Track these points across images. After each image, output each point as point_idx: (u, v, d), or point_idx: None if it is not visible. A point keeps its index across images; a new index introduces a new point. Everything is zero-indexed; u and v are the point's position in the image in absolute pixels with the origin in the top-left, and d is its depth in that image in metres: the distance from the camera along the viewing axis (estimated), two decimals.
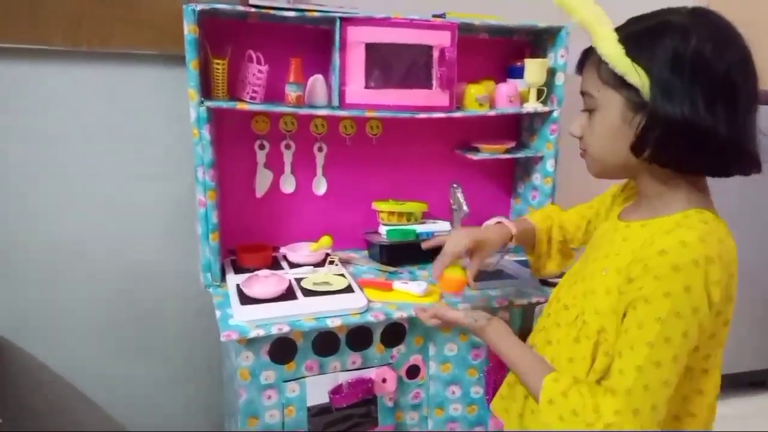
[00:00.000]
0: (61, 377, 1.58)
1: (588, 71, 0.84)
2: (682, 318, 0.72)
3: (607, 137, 0.82)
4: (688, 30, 0.75)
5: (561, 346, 0.88)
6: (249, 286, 1.29)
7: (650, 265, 0.74)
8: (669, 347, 0.73)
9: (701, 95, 0.74)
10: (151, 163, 1.53)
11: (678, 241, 0.74)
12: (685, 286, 0.72)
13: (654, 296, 0.73)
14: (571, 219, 1.18)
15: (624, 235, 0.85)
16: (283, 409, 1.23)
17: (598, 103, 0.83)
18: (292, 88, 1.36)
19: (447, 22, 1.43)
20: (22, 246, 1.48)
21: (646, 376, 0.73)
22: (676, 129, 0.75)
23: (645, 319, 0.74)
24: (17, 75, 1.39)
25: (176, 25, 1.36)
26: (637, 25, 0.80)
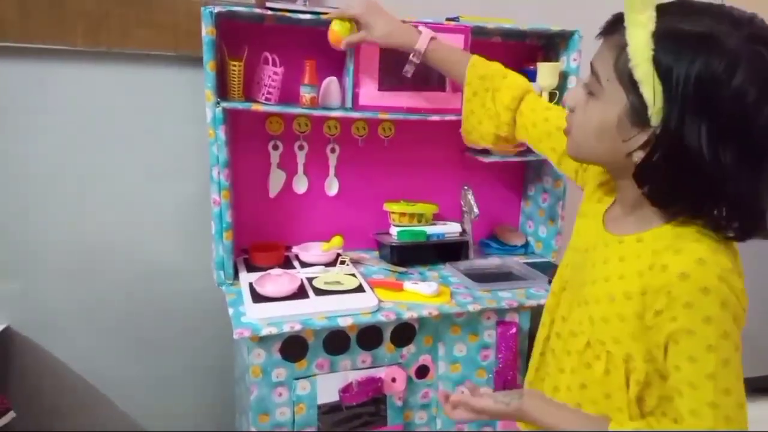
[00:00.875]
0: (76, 373, 1.60)
1: (607, 48, 0.72)
2: (729, 336, 0.68)
3: (597, 133, 0.75)
4: (737, 61, 0.63)
5: (576, 376, 0.83)
6: (261, 284, 1.31)
7: (675, 293, 0.68)
8: (729, 369, 0.69)
9: (730, 141, 0.65)
10: (166, 163, 1.55)
11: (694, 260, 0.68)
12: (721, 303, 0.67)
13: (694, 325, 0.68)
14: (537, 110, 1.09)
15: (620, 254, 0.77)
16: (293, 407, 1.24)
17: (602, 92, 0.73)
18: (306, 90, 1.38)
19: (460, 26, 1.44)
20: (40, 244, 1.51)
21: (723, 408, 0.69)
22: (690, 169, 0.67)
23: (695, 352, 0.68)
24: (38, 74, 1.42)
25: (194, 26, 1.39)
26: (683, 20, 0.67)
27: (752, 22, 0.67)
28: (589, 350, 0.80)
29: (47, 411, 1.59)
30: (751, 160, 0.66)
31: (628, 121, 0.70)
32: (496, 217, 1.79)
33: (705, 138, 0.64)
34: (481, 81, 1.19)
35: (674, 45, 0.65)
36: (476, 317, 1.36)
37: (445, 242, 1.60)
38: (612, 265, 0.78)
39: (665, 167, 0.68)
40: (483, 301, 1.34)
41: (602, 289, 0.78)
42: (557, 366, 0.88)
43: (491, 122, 1.18)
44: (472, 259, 1.63)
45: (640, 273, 0.73)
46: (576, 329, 0.83)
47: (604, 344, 0.78)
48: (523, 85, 1.15)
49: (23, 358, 1.55)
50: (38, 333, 1.55)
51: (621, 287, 0.75)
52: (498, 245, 1.72)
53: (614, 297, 0.76)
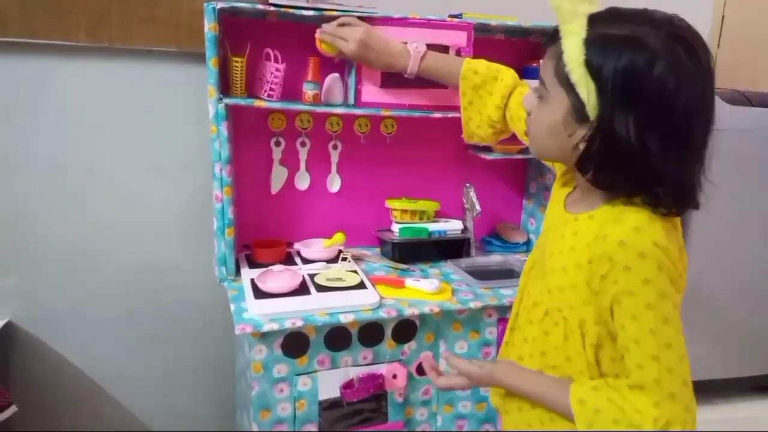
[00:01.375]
0: (77, 368, 1.61)
1: (548, 57, 0.82)
2: (666, 295, 0.75)
3: (547, 132, 0.83)
4: (655, 54, 0.72)
5: (537, 344, 0.90)
6: (263, 280, 1.31)
7: (616, 258, 0.76)
8: (669, 325, 0.75)
9: (654, 128, 0.73)
10: (169, 159, 1.55)
11: (631, 229, 0.76)
12: (657, 266, 0.74)
13: (634, 286, 0.75)
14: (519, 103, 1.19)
15: (574, 229, 0.85)
16: (294, 403, 1.25)
17: (548, 95, 0.82)
18: (309, 87, 1.37)
19: (463, 23, 1.44)
20: (42, 239, 1.51)
21: (664, 360, 0.75)
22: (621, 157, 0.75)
23: (636, 311, 0.76)
24: (40, 70, 1.42)
25: (196, 23, 1.39)
26: (610, 27, 0.76)
27: (671, 22, 0.75)
28: (547, 318, 0.88)
29: (48, 405, 1.60)
30: (675, 144, 0.75)
31: (572, 119, 0.79)
32: (498, 214, 1.79)
33: (632, 127, 0.73)
34: (476, 91, 1.29)
35: (602, 48, 0.74)
36: (478, 314, 1.36)
37: (446, 239, 1.60)
38: (567, 240, 0.85)
39: (601, 156, 0.77)
40: (484, 299, 1.34)
41: (558, 261, 0.86)
42: (521, 336, 0.95)
43: (487, 122, 1.30)
44: (474, 257, 1.63)
45: (588, 244, 0.81)
46: (537, 299, 0.91)
47: (560, 311, 0.85)
48: (510, 83, 1.25)
49: (24, 352, 1.55)
50: (39, 328, 1.56)
51: (572, 258, 0.83)
52: (499, 242, 1.72)
53: (566, 267, 0.84)
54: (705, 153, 0.79)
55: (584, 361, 0.83)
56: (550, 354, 0.87)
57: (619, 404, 0.76)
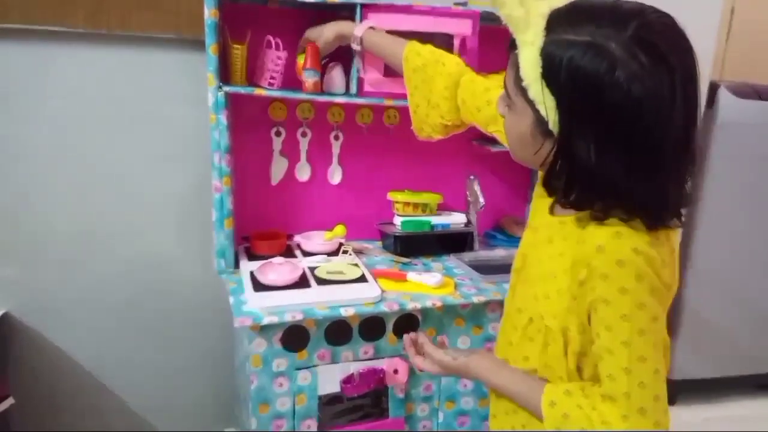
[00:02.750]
0: (74, 360, 1.59)
1: (510, 65, 0.76)
2: (645, 306, 0.71)
3: (518, 142, 0.79)
4: (615, 61, 0.65)
5: (521, 348, 0.86)
6: (263, 273, 1.29)
7: (594, 264, 0.72)
8: (645, 338, 0.71)
9: (618, 143, 0.67)
10: (167, 148, 1.53)
11: (611, 234, 0.71)
12: (636, 275, 0.70)
13: (610, 295, 0.71)
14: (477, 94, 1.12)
15: (563, 234, 0.80)
16: (294, 397, 1.23)
17: (513, 105, 0.77)
18: (309, 74, 1.34)
19: (468, 11, 1.41)
20: (39, 229, 1.49)
21: (637, 374, 0.71)
22: (585, 176, 0.70)
23: (611, 321, 0.72)
24: (39, 57, 1.40)
25: (196, 9, 1.36)
26: (569, 30, 0.68)
27: (640, 17, 0.67)
28: (531, 326, 0.84)
29: (45, 397, 1.58)
30: (643, 158, 0.68)
31: (538, 132, 0.74)
32: (502, 208, 1.76)
33: (593, 144, 0.68)
34: (417, 74, 1.23)
35: (559, 57, 0.67)
36: (481, 309, 1.34)
37: (449, 233, 1.58)
38: (556, 245, 0.81)
39: (566, 175, 0.72)
40: (488, 293, 1.32)
41: (547, 267, 0.82)
42: (505, 340, 0.92)
43: (435, 113, 1.22)
44: (477, 251, 1.60)
45: (571, 247, 0.77)
46: (521, 306, 0.87)
47: (543, 319, 0.81)
48: (455, 71, 1.17)
49: (22, 344, 1.54)
50: (37, 319, 1.54)
51: (561, 264, 0.78)
52: (503, 237, 1.70)
53: (555, 274, 0.79)
54: (686, 162, 0.72)
55: (564, 368, 0.80)
56: (533, 360, 0.84)
57: (587, 413, 0.74)
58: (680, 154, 0.71)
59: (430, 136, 1.28)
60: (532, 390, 0.81)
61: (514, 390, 0.84)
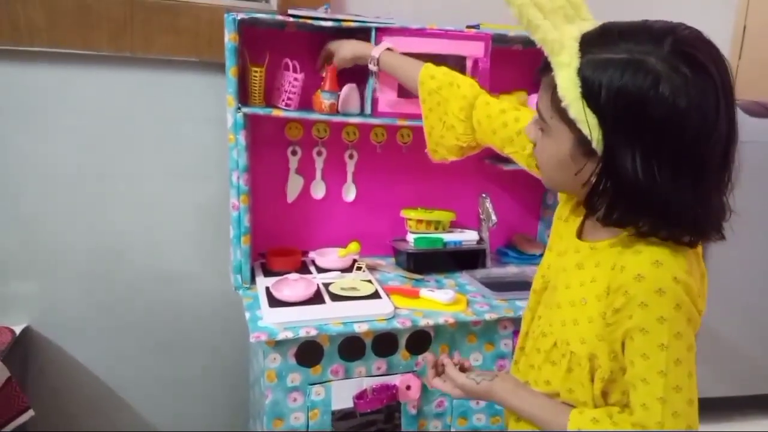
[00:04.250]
0: (92, 373, 1.62)
1: (543, 88, 0.76)
2: (682, 336, 0.71)
3: (556, 166, 0.78)
4: (658, 76, 0.65)
5: (542, 372, 0.86)
6: (278, 289, 1.32)
7: (632, 293, 0.71)
8: (681, 368, 0.71)
9: (662, 158, 0.67)
10: (187, 167, 1.57)
11: (651, 262, 0.71)
12: (675, 304, 0.70)
13: (648, 324, 0.71)
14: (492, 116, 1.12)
15: (596, 260, 0.79)
16: (308, 412, 1.24)
17: (549, 130, 0.76)
18: (326, 96, 1.38)
19: (481, 33, 1.44)
20: (60, 245, 1.53)
21: (671, 403, 0.71)
22: (632, 192, 0.69)
23: (648, 350, 0.71)
24: (64, 78, 1.45)
25: (216, 33, 1.41)
26: (605, 49, 0.69)
27: (674, 33, 0.68)
28: (554, 350, 0.83)
29: (64, 410, 1.61)
30: (690, 171, 0.68)
31: (579, 153, 0.73)
32: (514, 225, 1.77)
33: (639, 159, 0.67)
34: (432, 96, 1.23)
35: (598, 77, 0.67)
36: (493, 326, 1.35)
37: (462, 250, 1.59)
38: (588, 271, 0.80)
39: (610, 192, 0.71)
40: (500, 310, 1.33)
41: (577, 294, 0.81)
42: (527, 362, 0.91)
43: (451, 134, 1.22)
44: (489, 268, 1.61)
45: (606, 274, 0.76)
46: (546, 330, 0.87)
47: (568, 345, 0.81)
48: (469, 94, 1.17)
49: (42, 357, 1.57)
50: (57, 333, 1.57)
51: (593, 290, 0.78)
52: (515, 254, 1.71)
53: (587, 300, 0.79)
54: (728, 173, 0.72)
55: (588, 394, 0.79)
56: (555, 384, 0.84)
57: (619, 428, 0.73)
58: (723, 164, 0.71)
59: (445, 158, 1.28)
60: (556, 416, 0.81)
61: (537, 414, 0.83)
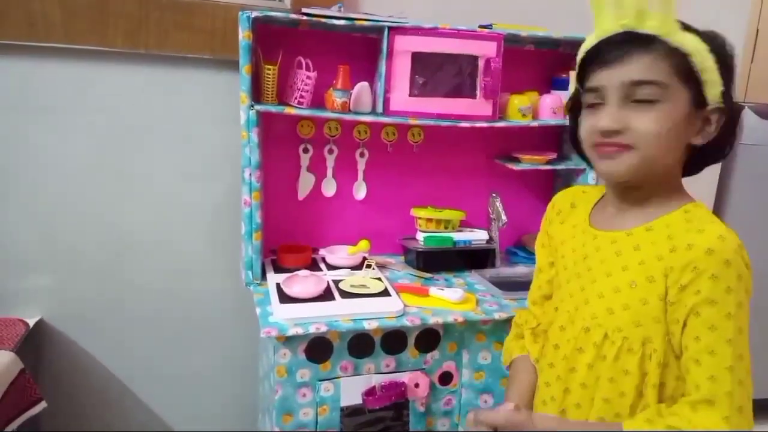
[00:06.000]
0: (104, 366, 1.64)
1: (654, 59, 0.80)
2: (743, 306, 0.76)
3: (670, 133, 0.80)
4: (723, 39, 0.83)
5: (594, 370, 0.85)
6: (289, 285, 1.33)
7: (702, 267, 0.76)
8: (743, 336, 0.75)
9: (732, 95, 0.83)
10: (199, 163, 1.58)
11: (716, 237, 0.76)
12: (738, 275, 0.75)
13: (717, 295, 0.75)
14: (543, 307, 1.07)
15: (634, 243, 0.84)
16: (316, 408, 1.25)
17: (667, 96, 0.80)
18: (338, 95, 1.39)
19: (494, 33, 1.45)
20: (74, 239, 1.54)
21: (737, 372, 0.74)
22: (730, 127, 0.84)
23: (716, 320, 0.75)
24: (79, 75, 1.46)
25: (230, 31, 1.42)
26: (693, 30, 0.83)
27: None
28: (606, 341, 0.84)
29: (76, 402, 1.63)
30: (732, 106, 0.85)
31: (694, 108, 0.82)
32: (524, 225, 1.77)
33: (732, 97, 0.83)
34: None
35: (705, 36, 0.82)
36: (502, 325, 1.35)
37: (471, 249, 1.60)
38: (627, 255, 0.84)
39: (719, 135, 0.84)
40: (509, 310, 1.33)
41: (622, 278, 0.83)
42: (567, 366, 0.89)
43: None
44: (499, 267, 1.62)
45: (659, 257, 0.80)
46: (589, 324, 0.86)
47: (621, 331, 0.82)
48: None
49: (55, 350, 1.59)
50: (70, 326, 1.59)
51: (643, 272, 0.81)
52: (525, 254, 1.71)
53: (636, 282, 0.82)
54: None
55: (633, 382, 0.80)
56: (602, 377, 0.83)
57: (684, 426, 0.74)
58: None
59: None
60: (609, 426, 0.82)
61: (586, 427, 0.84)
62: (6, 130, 1.45)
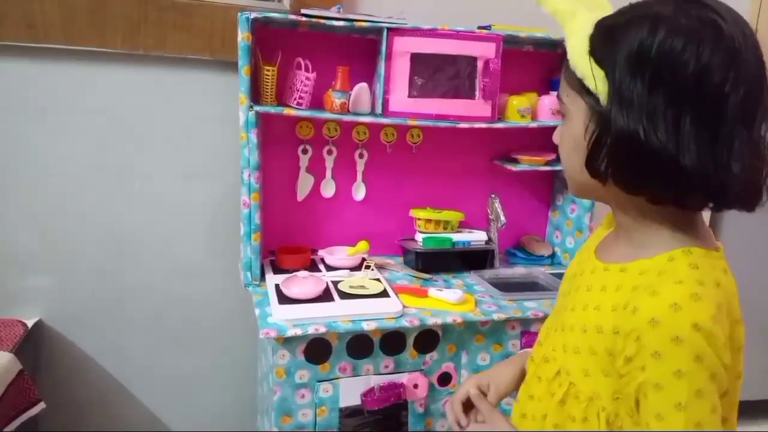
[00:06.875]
0: (103, 367, 1.64)
1: (563, 73, 0.72)
2: (703, 394, 0.59)
3: (571, 150, 0.71)
4: (658, 21, 0.60)
5: (542, 404, 0.77)
6: (288, 286, 1.33)
7: (644, 340, 0.61)
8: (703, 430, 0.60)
9: (664, 105, 0.60)
10: (199, 164, 1.58)
11: (668, 306, 0.60)
12: (695, 356, 0.59)
13: (663, 379, 0.60)
14: None
15: (603, 283, 0.71)
16: (315, 409, 1.25)
17: (567, 110, 0.71)
18: (337, 95, 1.39)
19: (492, 34, 1.45)
20: (73, 240, 1.54)
21: None
22: (628, 147, 0.62)
23: (663, 410, 0.60)
24: (79, 76, 1.46)
25: (229, 32, 1.42)
26: (619, 16, 0.66)
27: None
28: (557, 378, 0.74)
29: (75, 403, 1.63)
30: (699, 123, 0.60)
31: (591, 122, 0.66)
32: (523, 226, 1.78)
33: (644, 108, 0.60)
34: None
35: (608, 33, 0.65)
36: (501, 326, 1.35)
37: (470, 250, 1.60)
38: (593, 294, 0.72)
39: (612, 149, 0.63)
40: (508, 311, 1.34)
41: (579, 318, 0.72)
42: (527, 391, 0.82)
43: None
44: (498, 268, 1.62)
45: (614, 308, 0.66)
46: (549, 355, 0.78)
47: (569, 374, 0.72)
48: None
49: (53, 351, 1.59)
50: (68, 327, 1.59)
51: (594, 319, 0.69)
52: (524, 255, 1.71)
53: (587, 328, 0.70)
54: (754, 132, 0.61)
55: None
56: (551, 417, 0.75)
57: None
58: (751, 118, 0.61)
59: None
60: None
61: None
62: (5, 130, 1.45)
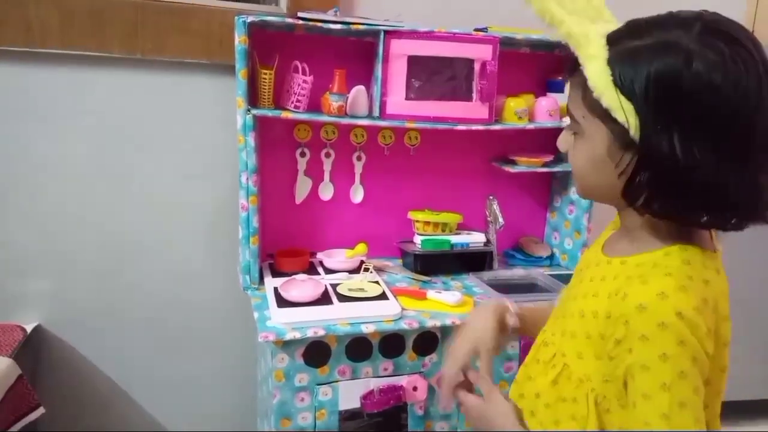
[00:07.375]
0: (102, 371, 1.64)
1: (573, 89, 0.73)
2: (687, 376, 0.64)
3: (592, 168, 0.74)
4: (691, 53, 0.63)
5: (536, 384, 0.81)
6: (286, 289, 1.33)
7: (632, 324, 0.66)
8: (686, 411, 0.64)
9: (704, 139, 0.63)
10: (196, 168, 1.58)
11: (655, 294, 0.65)
12: (679, 341, 0.64)
13: (650, 361, 0.64)
14: None
15: (603, 274, 0.76)
16: (315, 412, 1.25)
17: (582, 129, 0.73)
18: (334, 98, 1.39)
19: (489, 36, 1.45)
20: (72, 244, 1.55)
21: None
22: (672, 181, 0.65)
23: (649, 389, 0.65)
24: (78, 80, 1.47)
25: (227, 35, 1.42)
26: (633, 39, 0.67)
27: (701, 18, 0.66)
28: (552, 360, 0.79)
29: (74, 407, 1.63)
30: (733, 150, 0.64)
31: (616, 148, 0.69)
32: (521, 227, 1.78)
33: (677, 140, 0.63)
34: None
35: (630, 62, 0.66)
36: None
37: (469, 252, 1.60)
38: (595, 283, 0.77)
39: (650, 180, 0.67)
40: None
41: (579, 304, 0.77)
42: (525, 373, 0.87)
43: None
44: (496, 270, 1.62)
45: (609, 294, 0.71)
46: (549, 339, 0.83)
47: (564, 356, 0.77)
48: None
49: (53, 355, 1.59)
50: (67, 331, 1.59)
51: (592, 305, 0.74)
52: (522, 256, 1.71)
53: (584, 313, 0.75)
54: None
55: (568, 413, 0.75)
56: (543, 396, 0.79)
57: None
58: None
59: None
60: None
61: None
62: (4, 135, 1.45)
